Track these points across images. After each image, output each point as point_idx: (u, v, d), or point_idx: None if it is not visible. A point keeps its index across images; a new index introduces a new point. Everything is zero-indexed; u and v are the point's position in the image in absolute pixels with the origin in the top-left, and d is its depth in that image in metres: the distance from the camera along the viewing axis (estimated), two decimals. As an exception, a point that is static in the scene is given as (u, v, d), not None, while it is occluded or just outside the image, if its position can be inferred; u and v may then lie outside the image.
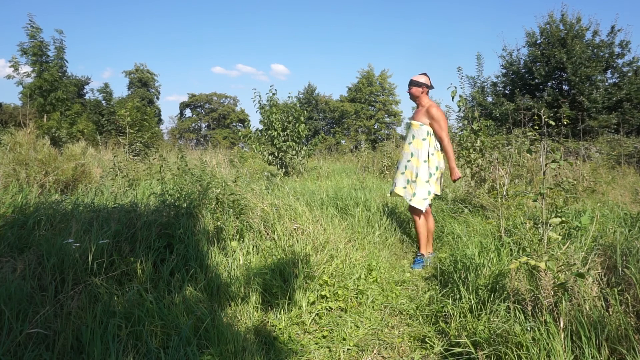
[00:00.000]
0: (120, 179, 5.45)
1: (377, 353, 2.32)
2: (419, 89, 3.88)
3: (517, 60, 16.43)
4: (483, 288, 2.59)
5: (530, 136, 3.86)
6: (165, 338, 2.08)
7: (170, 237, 3.00)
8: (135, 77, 38.69)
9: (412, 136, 3.90)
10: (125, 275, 2.55)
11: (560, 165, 2.58)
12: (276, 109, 9.64)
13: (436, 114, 3.77)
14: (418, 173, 3.81)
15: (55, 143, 10.07)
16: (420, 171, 3.81)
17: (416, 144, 3.85)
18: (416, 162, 3.84)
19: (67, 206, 3.35)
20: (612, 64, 15.05)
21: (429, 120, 3.82)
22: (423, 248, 3.90)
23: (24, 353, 1.85)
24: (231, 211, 3.59)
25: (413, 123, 3.91)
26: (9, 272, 2.22)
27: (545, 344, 1.85)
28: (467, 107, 5.78)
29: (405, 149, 3.96)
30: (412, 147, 3.88)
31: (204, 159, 8.06)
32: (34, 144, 5.60)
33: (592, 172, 6.87)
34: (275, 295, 2.73)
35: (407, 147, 3.93)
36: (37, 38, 11.61)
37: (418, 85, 3.88)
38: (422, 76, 3.94)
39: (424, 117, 3.83)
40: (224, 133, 43.30)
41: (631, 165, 9.27)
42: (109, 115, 23.24)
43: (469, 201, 5.25)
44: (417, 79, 3.90)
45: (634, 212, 4.21)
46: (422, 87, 3.88)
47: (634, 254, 2.34)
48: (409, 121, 4.07)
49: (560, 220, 2.34)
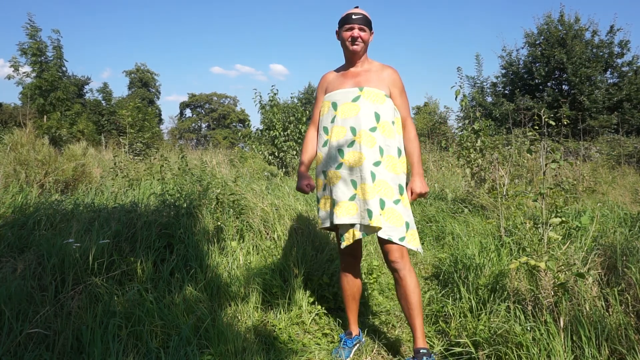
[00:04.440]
0: (121, 179, 5.45)
1: (377, 353, 2.32)
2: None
3: (516, 60, 16.44)
4: (483, 288, 2.59)
5: (530, 136, 3.85)
6: (165, 338, 2.08)
7: (170, 237, 3.00)
8: (136, 77, 38.71)
9: (373, 115, 2.12)
10: (125, 275, 2.55)
11: (560, 165, 2.58)
12: (277, 109, 9.65)
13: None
14: (400, 184, 2.14)
15: (55, 143, 10.08)
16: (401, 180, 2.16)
17: (384, 128, 2.13)
18: (392, 164, 2.13)
19: (68, 206, 3.35)
20: (612, 63, 15.07)
21: (388, 88, 2.19)
22: (421, 334, 2.13)
23: (24, 353, 1.85)
24: (231, 211, 3.59)
25: (368, 91, 2.14)
26: (9, 272, 2.22)
27: (545, 344, 1.85)
28: (469, 107, 5.78)
29: (366, 139, 2.10)
30: (378, 137, 2.11)
31: (204, 159, 8.07)
32: (34, 144, 5.61)
33: (592, 172, 6.87)
34: (275, 295, 2.73)
35: (368, 137, 2.10)
36: (36, 38, 11.62)
37: (370, 26, 2.21)
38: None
39: (381, 83, 2.18)
40: (224, 133, 43.30)
41: (631, 165, 9.28)
42: (109, 115, 23.22)
43: (469, 201, 5.25)
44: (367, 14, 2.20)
45: (634, 212, 4.21)
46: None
47: (634, 254, 2.34)
48: (353, 89, 2.18)
49: (560, 220, 2.35)
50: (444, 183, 7.08)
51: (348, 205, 2.10)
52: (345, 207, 2.10)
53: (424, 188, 2.18)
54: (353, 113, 2.13)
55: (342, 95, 2.18)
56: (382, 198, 2.06)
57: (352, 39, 2.15)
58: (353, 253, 2.27)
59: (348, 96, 2.17)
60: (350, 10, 2.20)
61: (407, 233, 2.08)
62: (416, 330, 2.12)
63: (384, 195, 2.07)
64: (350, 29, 2.15)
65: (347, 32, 2.17)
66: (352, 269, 2.30)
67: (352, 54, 2.19)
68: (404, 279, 2.10)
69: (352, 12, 2.18)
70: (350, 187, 2.11)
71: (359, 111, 2.12)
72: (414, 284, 2.10)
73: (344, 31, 2.18)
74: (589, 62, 14.48)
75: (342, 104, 2.17)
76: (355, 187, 2.10)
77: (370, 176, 2.06)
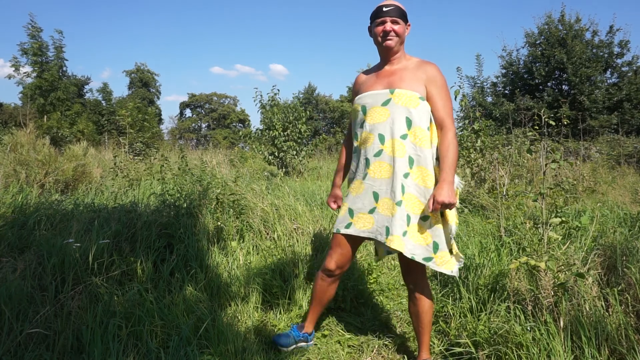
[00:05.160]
0: (121, 179, 5.45)
1: (377, 353, 2.32)
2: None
3: (516, 60, 16.44)
4: (483, 288, 2.59)
5: (530, 136, 3.85)
6: (165, 338, 2.09)
7: (170, 237, 3.01)
8: (136, 77, 38.70)
9: (404, 121, 1.93)
10: (125, 275, 2.55)
11: (560, 165, 2.58)
12: (277, 109, 9.65)
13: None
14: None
15: (56, 143, 10.08)
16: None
17: (416, 136, 1.94)
18: (423, 176, 1.94)
19: (68, 206, 3.35)
20: (612, 63, 15.08)
21: (426, 87, 1.96)
22: (427, 347, 2.12)
23: (24, 353, 1.85)
24: (231, 211, 3.59)
25: (399, 93, 1.93)
26: (9, 272, 2.22)
27: (545, 344, 1.85)
28: (469, 107, 5.78)
29: (396, 148, 1.93)
30: (408, 145, 1.93)
31: (204, 159, 8.06)
32: (34, 144, 5.61)
33: (592, 172, 6.87)
34: (275, 295, 2.73)
35: (398, 145, 1.93)
36: (37, 38, 11.62)
37: (406, 18, 2.02)
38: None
39: (416, 82, 1.95)
40: (224, 133, 43.29)
41: (631, 165, 9.28)
42: (109, 115, 23.22)
43: (469, 201, 5.25)
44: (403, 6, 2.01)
45: (634, 212, 4.21)
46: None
47: (633, 254, 2.34)
48: (383, 91, 1.98)
49: (560, 220, 2.35)
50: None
51: (366, 218, 1.97)
52: (363, 219, 1.98)
53: (451, 198, 1.81)
54: (382, 118, 1.94)
55: (372, 98, 1.99)
56: (408, 213, 1.88)
57: (384, 33, 1.94)
58: (341, 265, 2.11)
59: (378, 99, 1.97)
60: (381, 3, 2.00)
61: (436, 255, 1.88)
62: (422, 344, 2.09)
63: (411, 210, 1.88)
64: (382, 23, 1.95)
65: (379, 27, 1.96)
66: (333, 277, 2.14)
67: (385, 50, 1.99)
68: (419, 299, 2.01)
69: (383, 4, 1.97)
70: (371, 199, 1.96)
71: (389, 116, 1.92)
72: (428, 304, 2.02)
73: (376, 26, 1.98)
74: (589, 62, 14.48)
75: (371, 108, 1.98)
76: (377, 200, 1.95)
77: (400, 189, 1.88)
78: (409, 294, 2.08)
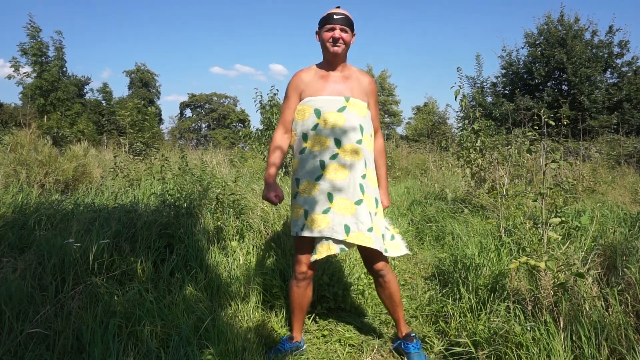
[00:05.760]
0: (121, 179, 5.45)
1: (376, 353, 2.32)
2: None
3: (516, 60, 16.45)
4: (483, 288, 2.59)
5: (530, 136, 3.85)
6: (165, 338, 2.09)
7: (170, 237, 3.01)
8: (136, 77, 38.70)
9: (359, 128, 2.09)
10: (125, 275, 2.55)
11: (560, 165, 2.58)
12: (277, 109, 9.64)
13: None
14: (377, 197, 2.19)
15: (56, 143, 10.08)
16: (377, 193, 2.22)
17: (366, 141, 2.14)
18: (372, 177, 2.18)
19: (68, 206, 3.35)
20: (612, 63, 15.09)
21: (367, 98, 2.18)
22: (404, 321, 2.30)
23: (24, 353, 1.85)
24: (231, 211, 3.59)
25: (354, 102, 2.10)
26: (10, 272, 2.23)
27: (545, 343, 1.85)
28: (469, 107, 5.78)
29: (352, 152, 2.07)
30: (363, 149, 2.10)
31: (204, 159, 8.07)
32: (35, 145, 5.61)
33: (592, 172, 6.87)
34: (275, 295, 2.73)
35: (354, 150, 2.07)
36: (37, 38, 11.61)
37: (353, 27, 2.13)
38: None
39: (363, 93, 2.15)
40: (224, 133, 43.30)
41: (631, 165, 9.28)
42: (109, 115, 23.22)
43: (469, 201, 5.25)
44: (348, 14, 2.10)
45: (633, 212, 4.21)
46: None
47: (633, 254, 2.34)
48: (338, 98, 2.10)
49: (560, 220, 2.35)
50: (444, 183, 7.09)
51: (321, 218, 2.03)
52: (318, 220, 2.03)
53: (389, 202, 2.35)
54: (339, 124, 2.05)
55: (327, 103, 2.08)
56: (370, 211, 2.06)
57: (334, 40, 2.05)
58: (311, 265, 2.15)
59: (334, 105, 2.07)
60: (331, 10, 2.09)
61: (387, 245, 2.13)
62: (400, 320, 2.26)
63: (370, 208, 2.07)
64: (332, 30, 2.06)
65: (327, 33, 2.07)
66: (307, 280, 2.19)
67: (332, 56, 2.09)
68: (389, 282, 2.17)
69: (334, 11, 2.08)
70: (326, 200, 2.04)
71: (345, 122, 2.05)
72: (396, 283, 2.21)
73: (325, 31, 2.08)
74: (589, 62, 14.49)
75: (327, 113, 2.07)
76: (331, 201, 2.04)
77: (360, 189, 2.04)
78: (375, 280, 2.22)
